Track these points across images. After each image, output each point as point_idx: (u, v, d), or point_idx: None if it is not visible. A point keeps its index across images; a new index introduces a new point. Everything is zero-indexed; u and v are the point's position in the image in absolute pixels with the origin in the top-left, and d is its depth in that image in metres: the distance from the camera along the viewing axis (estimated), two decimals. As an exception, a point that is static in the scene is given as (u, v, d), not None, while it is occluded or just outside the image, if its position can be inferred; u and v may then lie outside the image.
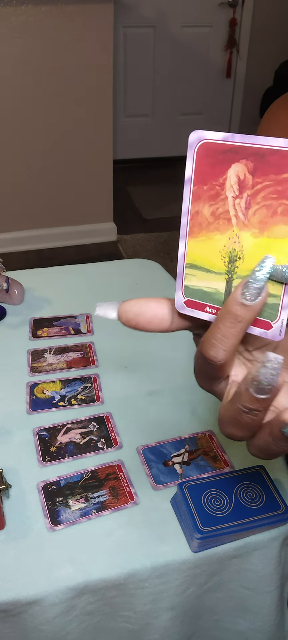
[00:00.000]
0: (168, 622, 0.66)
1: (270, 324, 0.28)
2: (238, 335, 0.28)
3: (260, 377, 0.26)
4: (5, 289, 1.04)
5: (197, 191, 0.30)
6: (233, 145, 0.28)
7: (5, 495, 0.68)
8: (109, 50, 2.43)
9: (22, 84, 2.37)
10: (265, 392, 0.27)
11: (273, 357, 0.26)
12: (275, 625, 0.71)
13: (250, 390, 0.27)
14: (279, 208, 0.27)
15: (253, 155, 0.27)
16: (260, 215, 0.27)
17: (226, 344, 0.29)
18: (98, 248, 2.79)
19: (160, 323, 0.31)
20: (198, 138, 0.29)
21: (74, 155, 2.59)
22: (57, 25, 2.31)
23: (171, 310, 0.32)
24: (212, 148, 0.28)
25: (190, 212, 0.30)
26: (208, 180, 0.29)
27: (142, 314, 0.31)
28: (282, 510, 0.65)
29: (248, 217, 0.28)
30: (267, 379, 0.26)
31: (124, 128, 3.59)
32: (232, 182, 0.28)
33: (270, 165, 0.27)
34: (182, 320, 0.32)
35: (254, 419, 0.28)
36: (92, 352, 0.94)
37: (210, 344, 0.29)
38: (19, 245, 2.70)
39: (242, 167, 0.27)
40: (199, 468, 0.73)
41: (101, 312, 0.36)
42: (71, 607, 0.61)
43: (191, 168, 0.29)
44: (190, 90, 3.60)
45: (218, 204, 0.29)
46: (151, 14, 3.29)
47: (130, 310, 0.31)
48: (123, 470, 0.72)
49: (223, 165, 0.28)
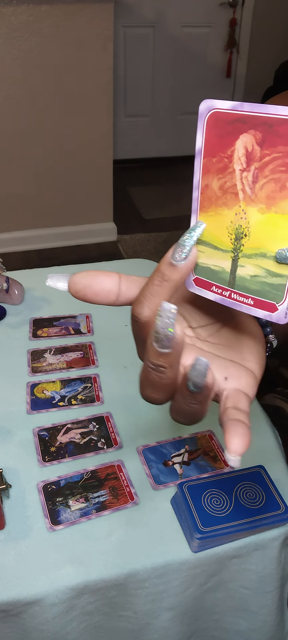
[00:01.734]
0: (168, 622, 0.66)
1: (276, 305, 0.27)
2: (164, 294, 0.29)
3: (157, 328, 0.27)
4: (5, 289, 1.04)
5: (206, 164, 0.28)
6: (241, 115, 0.26)
7: (5, 495, 0.68)
8: (109, 50, 2.43)
9: (22, 83, 2.37)
10: (165, 345, 0.27)
11: (166, 305, 0.27)
12: (275, 625, 0.71)
13: (153, 345, 0.28)
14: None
15: (261, 125, 0.25)
16: (268, 189, 0.26)
17: (151, 302, 0.29)
18: (98, 248, 2.79)
19: (106, 296, 0.32)
20: (208, 107, 0.27)
21: (74, 155, 2.59)
22: (57, 25, 2.31)
23: (118, 282, 0.32)
24: (221, 118, 0.27)
25: (201, 185, 0.29)
26: (217, 152, 0.28)
27: (90, 286, 0.31)
28: (282, 510, 0.65)
29: (256, 191, 0.27)
30: (163, 328, 0.27)
31: (124, 128, 3.59)
32: (239, 154, 0.27)
33: (279, 135, 0.25)
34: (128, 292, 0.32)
35: (161, 376, 0.29)
36: (92, 352, 0.94)
37: (138, 301, 0.30)
38: (19, 245, 2.70)
39: (250, 138, 0.26)
40: (199, 468, 0.73)
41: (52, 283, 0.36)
42: (71, 607, 0.61)
43: (201, 139, 0.28)
44: (190, 90, 3.60)
45: (226, 178, 0.28)
46: (151, 14, 3.29)
47: (79, 282, 0.31)
48: (123, 470, 0.72)
49: (231, 136, 0.27)
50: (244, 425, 0.29)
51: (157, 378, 0.29)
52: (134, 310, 0.30)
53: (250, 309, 0.29)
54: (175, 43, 3.42)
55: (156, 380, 0.29)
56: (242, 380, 0.33)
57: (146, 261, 1.28)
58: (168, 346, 0.27)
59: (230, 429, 0.29)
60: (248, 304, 0.29)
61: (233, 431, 0.29)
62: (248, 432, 0.29)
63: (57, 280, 0.30)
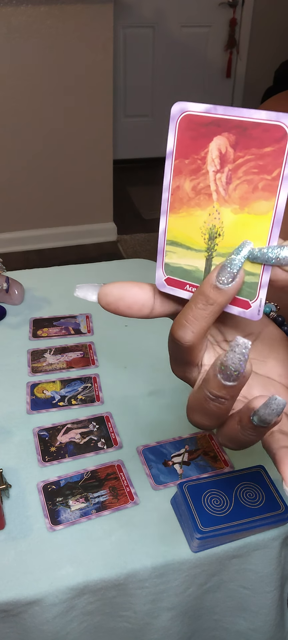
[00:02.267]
0: (168, 622, 0.66)
1: (249, 303, 0.28)
2: (209, 319, 0.28)
3: (227, 362, 0.26)
4: (5, 289, 1.04)
5: (178, 165, 0.29)
6: (215, 118, 0.27)
7: (5, 495, 0.68)
8: (109, 50, 2.43)
9: (22, 84, 2.38)
10: (232, 379, 0.26)
11: (241, 341, 0.26)
12: (275, 625, 0.71)
13: (217, 377, 0.27)
14: (260, 183, 0.26)
15: (235, 128, 0.26)
16: (241, 190, 0.27)
17: (195, 326, 0.28)
18: (98, 248, 2.79)
19: (140, 309, 0.30)
20: (181, 110, 0.28)
21: (74, 155, 2.59)
22: (57, 25, 2.31)
23: (152, 296, 0.31)
24: (194, 120, 0.27)
25: (171, 187, 0.29)
26: (189, 153, 0.28)
27: (122, 299, 0.30)
28: (282, 510, 0.65)
29: (229, 192, 0.27)
30: (235, 364, 0.26)
31: (123, 128, 3.59)
32: (213, 155, 0.27)
33: (252, 138, 0.26)
34: (163, 306, 0.31)
35: (221, 407, 0.28)
36: (92, 352, 0.94)
37: (180, 324, 0.29)
38: (19, 245, 2.70)
39: (223, 140, 0.27)
40: (199, 468, 0.73)
41: (81, 294, 0.36)
42: (71, 607, 0.61)
43: (173, 141, 0.28)
44: (190, 90, 3.59)
45: (199, 179, 0.28)
46: (151, 14, 3.29)
47: (111, 293, 0.30)
48: (123, 470, 0.72)
49: (205, 138, 0.27)
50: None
51: (216, 409, 0.28)
52: (175, 334, 0.29)
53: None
54: (175, 43, 3.42)
55: (214, 411, 0.28)
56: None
57: (146, 261, 1.28)
58: (235, 380, 0.26)
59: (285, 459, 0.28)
60: None
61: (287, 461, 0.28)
62: None
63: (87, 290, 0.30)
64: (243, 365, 0.26)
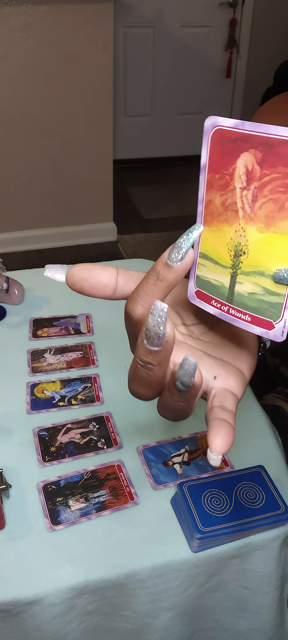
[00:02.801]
0: (168, 622, 0.66)
1: (273, 324, 0.28)
2: (158, 294, 0.29)
3: (148, 326, 0.27)
4: (5, 289, 1.04)
5: (210, 179, 0.29)
6: (242, 134, 0.26)
7: (5, 495, 0.68)
8: (109, 50, 2.43)
9: (21, 84, 2.38)
10: (155, 343, 0.27)
11: (158, 304, 0.27)
12: (275, 625, 0.71)
13: (143, 342, 0.28)
14: (287, 202, 0.25)
15: (262, 144, 0.26)
16: (267, 209, 0.26)
17: (145, 300, 0.29)
18: (98, 248, 2.79)
19: (103, 289, 0.32)
20: (213, 124, 0.28)
21: (73, 155, 2.59)
22: (57, 25, 2.31)
23: (115, 277, 0.32)
24: (224, 135, 0.27)
25: (205, 200, 0.29)
26: (219, 169, 0.28)
27: (87, 279, 0.31)
28: (282, 510, 0.65)
29: (255, 210, 0.27)
30: (154, 327, 0.27)
31: (123, 128, 3.59)
32: (240, 172, 0.27)
33: (279, 156, 0.25)
34: (125, 288, 0.32)
35: (150, 373, 0.29)
36: (92, 352, 0.94)
37: (131, 298, 0.30)
38: (19, 245, 2.70)
39: (250, 157, 0.26)
40: (199, 468, 0.73)
41: (50, 274, 0.37)
42: (71, 607, 0.61)
43: (206, 155, 0.28)
44: (190, 90, 3.60)
45: (227, 195, 0.28)
46: (151, 13, 3.29)
47: (77, 274, 0.31)
48: (123, 470, 0.72)
49: (233, 154, 0.27)
50: (228, 425, 0.30)
51: (145, 375, 0.29)
52: (127, 307, 0.31)
53: (247, 325, 0.29)
54: (175, 43, 3.42)
55: (144, 377, 0.29)
56: (231, 380, 0.33)
57: (146, 261, 1.28)
58: (158, 344, 0.27)
59: (214, 428, 0.30)
60: (245, 320, 0.29)
61: (216, 430, 0.30)
62: (231, 432, 0.30)
63: (56, 271, 0.31)
64: (162, 327, 0.27)
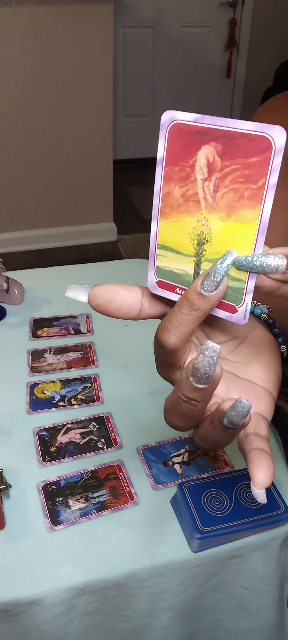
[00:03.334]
0: (168, 622, 0.66)
1: (236, 307, 0.29)
2: (192, 324, 0.29)
3: (198, 365, 0.27)
4: (5, 289, 1.04)
5: (168, 172, 0.29)
6: (203, 127, 0.27)
7: (5, 495, 0.68)
8: (109, 50, 2.43)
9: (21, 84, 2.38)
10: (203, 382, 0.27)
11: (210, 345, 0.27)
12: (275, 625, 0.71)
13: (189, 379, 0.28)
14: (246, 192, 0.27)
15: (222, 137, 0.27)
16: (228, 198, 0.27)
17: (179, 330, 0.29)
18: (98, 248, 2.79)
19: (128, 311, 0.32)
20: (170, 118, 0.28)
21: (74, 155, 2.59)
22: (57, 25, 2.31)
23: (141, 298, 0.32)
24: (183, 129, 0.28)
25: (162, 192, 0.30)
26: (179, 161, 0.29)
27: (111, 301, 0.31)
28: (282, 510, 0.65)
29: (217, 200, 0.28)
30: (204, 367, 0.27)
31: (123, 128, 3.59)
32: (201, 164, 0.28)
33: (239, 148, 0.26)
34: (151, 309, 0.32)
35: (193, 409, 0.29)
36: (92, 352, 0.94)
37: (164, 328, 0.30)
38: (19, 245, 2.70)
39: (211, 149, 0.27)
40: (199, 468, 0.73)
41: (72, 294, 0.37)
42: (71, 607, 0.61)
43: (163, 148, 0.29)
44: (190, 90, 3.60)
45: (188, 186, 0.29)
46: (151, 14, 3.29)
47: (100, 295, 0.31)
48: (123, 470, 0.72)
49: (193, 146, 0.28)
50: (268, 457, 0.29)
51: (188, 410, 0.29)
52: (160, 337, 0.30)
53: (213, 310, 0.30)
54: (175, 43, 3.42)
55: (186, 412, 0.29)
56: (261, 404, 0.33)
57: (146, 261, 1.28)
58: (206, 383, 0.27)
59: (255, 461, 0.29)
60: None
61: (258, 464, 0.29)
62: (272, 464, 0.29)
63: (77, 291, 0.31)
64: (212, 368, 0.27)
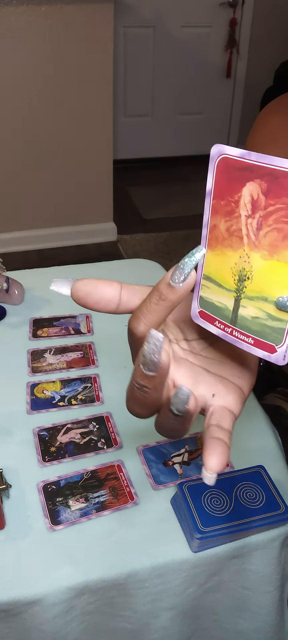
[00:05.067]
0: (168, 622, 0.66)
1: (275, 347, 0.29)
2: (161, 313, 0.30)
3: (144, 352, 0.29)
4: (5, 289, 1.04)
5: (215, 205, 0.30)
6: (248, 164, 0.27)
7: (5, 495, 0.68)
8: (109, 50, 2.43)
9: (21, 84, 2.37)
10: (150, 368, 0.29)
11: (154, 333, 0.28)
12: (275, 625, 0.71)
13: (140, 367, 0.29)
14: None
15: (267, 175, 0.27)
16: (271, 237, 0.27)
17: (148, 319, 0.31)
18: (98, 248, 2.79)
19: (106, 304, 0.33)
20: (219, 152, 0.29)
21: (74, 155, 2.59)
22: (57, 25, 2.31)
23: (119, 293, 0.33)
24: (229, 164, 0.28)
25: (209, 224, 0.30)
26: (225, 195, 0.29)
27: (91, 294, 0.33)
28: (282, 510, 0.65)
29: (259, 238, 0.28)
30: (150, 354, 0.28)
31: (124, 128, 3.59)
32: (245, 200, 0.28)
33: (284, 187, 0.26)
34: (129, 304, 0.33)
35: (146, 395, 0.30)
36: (92, 352, 0.94)
37: (135, 316, 0.31)
38: (19, 245, 2.69)
39: (256, 186, 0.27)
40: (199, 468, 0.73)
41: (55, 288, 0.38)
42: (71, 607, 0.61)
43: (211, 181, 0.30)
44: (190, 90, 3.59)
45: (232, 221, 0.29)
46: (151, 14, 3.29)
47: (81, 289, 0.33)
48: (123, 470, 0.72)
49: (239, 182, 0.28)
50: (224, 444, 0.31)
51: (141, 397, 0.31)
52: (130, 324, 0.32)
53: (250, 348, 0.30)
54: (175, 43, 3.42)
55: (140, 398, 0.31)
56: (229, 398, 0.34)
57: (146, 261, 1.28)
58: (153, 370, 0.29)
59: (210, 446, 0.31)
60: (248, 342, 0.30)
61: (212, 449, 0.30)
62: (226, 451, 0.31)
63: (61, 285, 0.32)
64: (157, 355, 0.28)
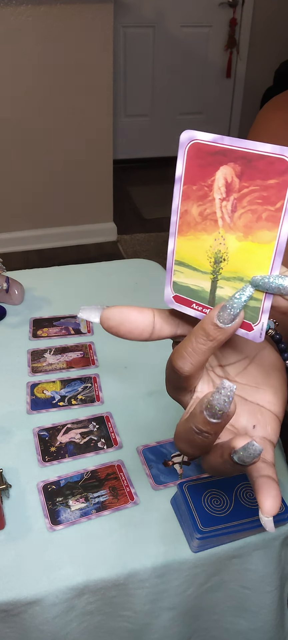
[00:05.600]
0: (168, 622, 0.66)
1: (252, 325, 0.29)
2: (207, 353, 0.29)
3: (213, 402, 0.27)
4: (5, 289, 1.04)
5: (186, 190, 0.30)
6: (222, 148, 0.28)
7: (5, 495, 0.68)
8: (109, 50, 2.43)
9: (21, 83, 2.37)
10: (217, 417, 0.28)
11: (227, 384, 0.27)
12: (275, 625, 0.71)
13: (203, 413, 0.28)
14: (264, 214, 0.27)
15: (241, 159, 0.27)
16: (245, 219, 0.28)
17: (194, 359, 0.30)
18: (98, 248, 2.79)
19: (140, 334, 0.32)
20: (189, 138, 0.29)
21: (74, 155, 2.59)
22: (57, 25, 2.31)
23: (152, 321, 0.32)
24: (201, 149, 0.29)
25: (180, 210, 0.31)
26: (197, 180, 0.29)
27: (123, 324, 0.32)
28: (282, 510, 0.65)
29: (234, 220, 0.28)
30: (220, 404, 0.27)
31: (123, 128, 3.59)
32: (219, 184, 0.28)
33: (257, 170, 0.27)
34: (162, 331, 0.33)
35: (205, 440, 0.29)
36: (92, 352, 0.94)
37: (180, 354, 0.30)
38: (19, 245, 2.70)
39: (229, 170, 0.28)
40: (199, 468, 0.73)
41: (84, 316, 0.37)
42: (71, 607, 0.61)
43: (181, 167, 0.30)
44: (190, 90, 3.60)
45: (206, 205, 0.29)
46: (151, 13, 3.29)
47: (112, 318, 0.32)
48: (123, 470, 0.72)
49: (212, 166, 0.28)
50: (275, 485, 0.30)
51: (200, 442, 0.29)
52: (175, 364, 0.30)
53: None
54: (175, 43, 3.42)
55: (198, 443, 0.30)
56: (269, 428, 0.34)
57: (146, 261, 1.28)
58: (220, 418, 0.28)
59: (263, 489, 0.29)
60: None
61: (266, 492, 0.29)
62: (279, 492, 0.30)
63: (89, 312, 0.31)
64: (227, 406, 0.27)
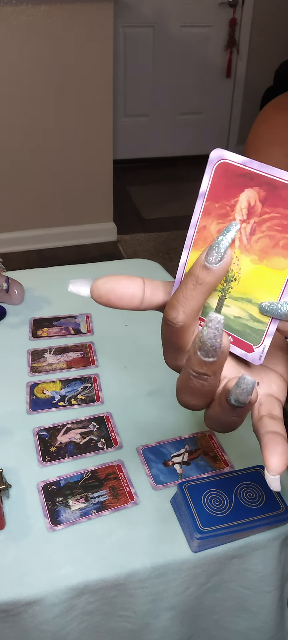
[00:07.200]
0: (168, 622, 0.66)
1: (253, 347, 0.30)
2: (199, 298, 0.29)
3: (204, 338, 0.27)
4: (5, 289, 1.04)
5: (208, 207, 0.30)
6: (249, 171, 0.28)
7: (5, 495, 0.68)
8: (109, 50, 2.43)
9: (21, 84, 2.37)
10: (210, 354, 0.27)
11: (214, 316, 0.27)
12: (275, 625, 0.71)
13: (197, 354, 0.28)
14: (281, 241, 0.28)
15: (266, 184, 0.28)
16: (263, 243, 0.28)
17: (186, 306, 0.29)
18: (98, 248, 2.79)
19: (130, 300, 0.32)
20: (219, 157, 0.29)
21: (74, 155, 2.59)
22: (57, 25, 2.31)
23: (142, 287, 0.32)
24: (230, 169, 0.29)
25: (198, 225, 0.31)
26: (220, 198, 0.30)
27: (113, 290, 0.31)
28: (282, 510, 0.65)
29: (251, 242, 0.29)
30: (210, 339, 0.27)
31: (123, 128, 3.59)
32: (242, 205, 0.29)
33: (281, 198, 0.27)
34: (153, 298, 0.32)
35: (204, 384, 0.29)
36: (92, 352, 0.94)
37: (172, 305, 0.30)
38: (19, 245, 2.70)
39: (254, 193, 0.28)
40: (199, 468, 0.73)
41: (74, 289, 0.36)
42: (71, 607, 0.61)
43: (207, 183, 0.30)
44: (190, 90, 3.59)
45: (225, 224, 0.30)
46: (151, 13, 3.29)
47: (102, 286, 0.31)
48: (123, 470, 0.72)
49: (237, 188, 0.29)
50: (283, 441, 0.29)
51: (199, 385, 0.29)
52: (168, 315, 0.30)
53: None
54: (175, 43, 3.42)
55: (197, 388, 0.29)
56: (273, 385, 0.33)
57: (146, 261, 1.28)
58: (213, 355, 0.27)
59: (269, 446, 0.29)
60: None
61: (272, 449, 0.28)
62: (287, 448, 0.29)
63: (80, 285, 0.31)
64: (218, 339, 0.27)
